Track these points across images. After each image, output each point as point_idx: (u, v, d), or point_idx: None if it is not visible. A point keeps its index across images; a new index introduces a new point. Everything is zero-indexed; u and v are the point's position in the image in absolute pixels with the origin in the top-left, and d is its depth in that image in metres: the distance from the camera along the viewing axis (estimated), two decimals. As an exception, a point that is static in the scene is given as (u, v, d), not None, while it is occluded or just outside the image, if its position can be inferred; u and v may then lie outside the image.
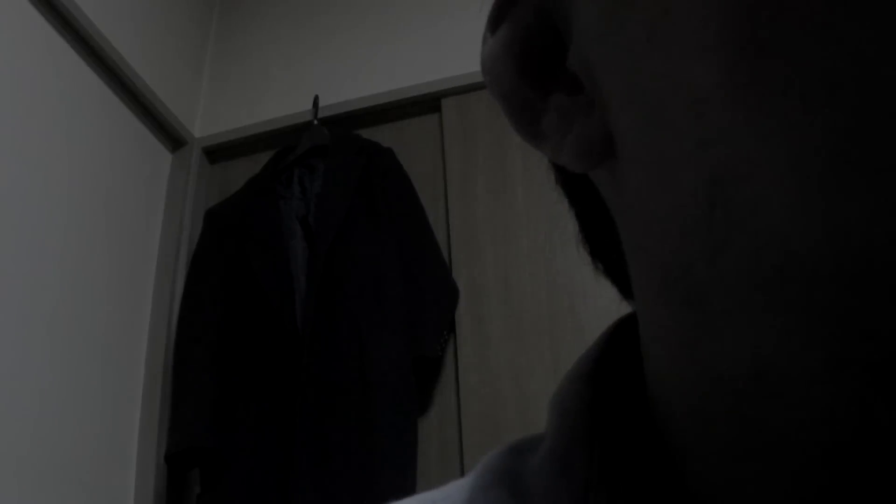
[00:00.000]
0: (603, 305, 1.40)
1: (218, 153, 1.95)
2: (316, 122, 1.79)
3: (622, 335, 0.25)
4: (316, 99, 1.84)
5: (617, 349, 0.24)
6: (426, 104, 1.78)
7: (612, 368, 0.23)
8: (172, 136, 1.86)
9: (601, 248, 0.25)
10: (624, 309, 0.25)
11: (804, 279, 0.14)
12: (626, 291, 0.25)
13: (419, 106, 1.79)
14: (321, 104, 1.83)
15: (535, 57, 0.22)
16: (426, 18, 1.89)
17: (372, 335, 1.45)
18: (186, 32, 2.01)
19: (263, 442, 1.42)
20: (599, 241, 0.25)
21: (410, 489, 1.35)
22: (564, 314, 1.46)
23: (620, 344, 0.24)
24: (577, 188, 0.25)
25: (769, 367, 0.16)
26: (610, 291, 0.26)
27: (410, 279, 1.53)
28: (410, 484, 1.36)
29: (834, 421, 0.15)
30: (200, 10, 2.10)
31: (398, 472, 1.36)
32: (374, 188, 1.63)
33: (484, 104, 1.68)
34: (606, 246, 0.25)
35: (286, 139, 1.82)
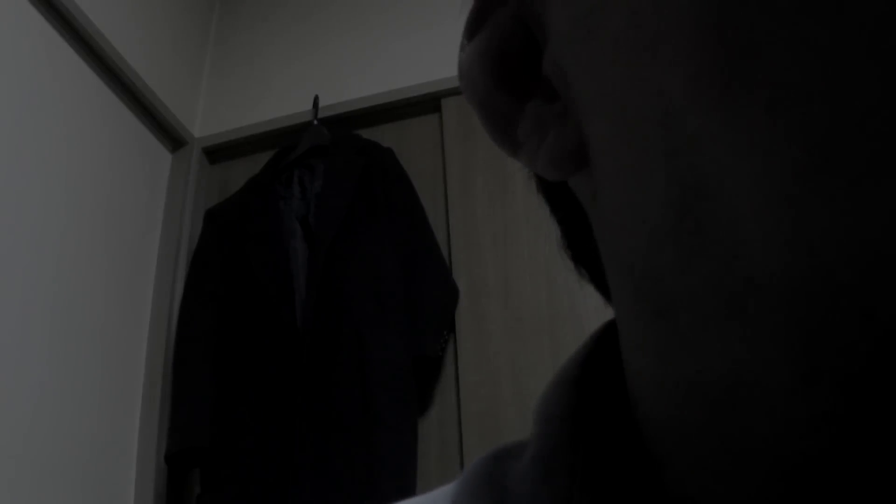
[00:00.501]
0: (603, 305, 1.39)
1: (218, 153, 1.95)
2: (316, 122, 1.79)
3: (609, 339, 0.24)
4: (316, 99, 1.84)
5: (604, 353, 0.24)
6: (426, 104, 1.78)
7: (598, 373, 0.23)
8: (172, 136, 1.86)
9: (584, 254, 0.25)
10: None
11: (774, 292, 0.14)
12: (610, 297, 0.24)
13: (419, 106, 1.79)
14: (321, 104, 1.83)
15: (511, 64, 0.22)
16: (426, 18, 1.89)
17: (372, 335, 1.45)
18: (186, 33, 2.01)
19: (263, 442, 1.42)
20: (582, 247, 0.25)
21: (410, 489, 1.35)
22: (564, 314, 1.46)
23: (607, 348, 0.24)
24: (557, 195, 0.25)
25: (741, 379, 0.16)
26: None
27: (410, 279, 1.53)
28: (410, 484, 1.36)
29: (806, 434, 0.15)
30: (200, 10, 2.10)
31: (398, 472, 1.36)
32: (374, 188, 1.63)
33: (484, 104, 1.68)
34: (589, 252, 0.24)
35: (286, 139, 1.82)
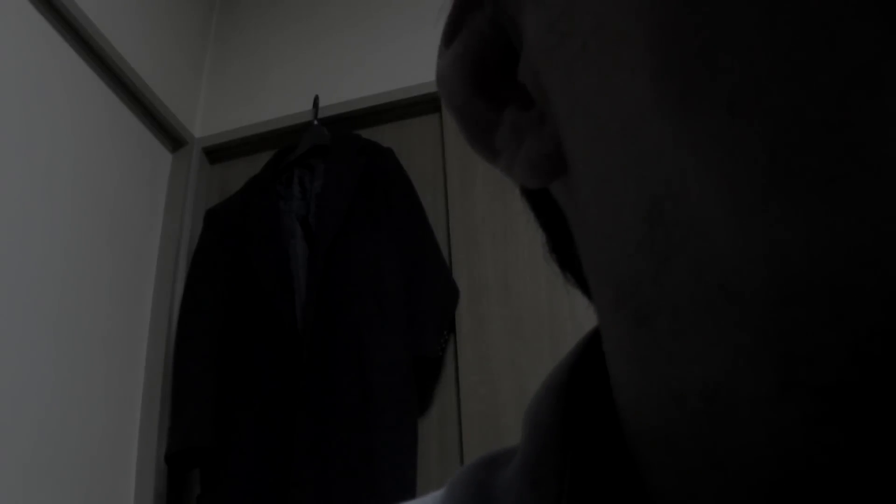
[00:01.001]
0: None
1: (218, 153, 1.95)
2: (316, 122, 1.79)
3: (598, 343, 0.24)
4: (316, 99, 1.84)
5: (593, 358, 0.23)
6: (426, 104, 1.78)
7: (587, 378, 0.23)
8: (172, 136, 1.86)
9: (570, 259, 0.25)
10: None
11: (746, 301, 0.14)
12: None
13: (419, 106, 1.79)
14: (321, 104, 1.83)
15: (488, 71, 0.22)
16: (426, 18, 1.89)
17: (372, 335, 1.45)
18: (187, 32, 2.01)
19: (263, 442, 1.42)
20: (567, 252, 0.25)
21: (410, 489, 1.35)
22: (564, 314, 1.46)
23: (596, 352, 0.24)
24: (541, 200, 0.25)
25: (719, 388, 0.15)
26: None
27: (410, 279, 1.53)
28: (410, 484, 1.36)
29: (786, 443, 0.15)
30: (201, 10, 2.10)
31: (398, 472, 1.36)
32: (374, 188, 1.63)
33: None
34: (575, 257, 0.24)
35: (286, 139, 1.82)
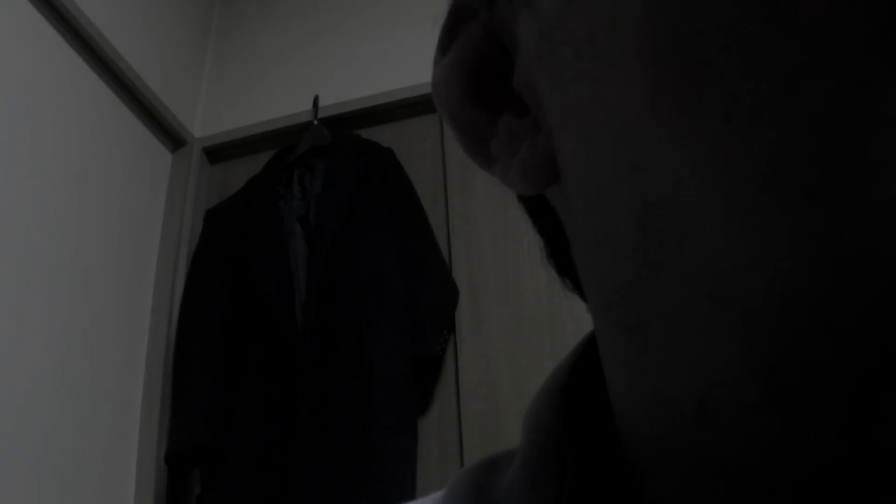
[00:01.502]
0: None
1: (218, 153, 1.95)
2: (316, 122, 1.79)
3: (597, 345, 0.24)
4: (316, 99, 1.84)
5: (592, 359, 0.23)
6: (426, 104, 1.78)
7: (586, 380, 0.23)
8: (172, 136, 1.86)
9: (567, 264, 0.25)
10: None
11: (737, 309, 0.14)
12: None
13: (419, 106, 1.78)
14: (321, 104, 1.83)
15: (483, 79, 0.22)
16: (427, 18, 1.88)
17: (372, 335, 1.45)
18: (186, 32, 2.01)
19: (263, 442, 1.42)
20: (564, 257, 0.25)
21: (410, 489, 1.35)
22: (564, 314, 1.46)
23: (596, 354, 0.24)
24: (537, 206, 0.25)
25: (710, 395, 0.15)
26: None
27: (410, 279, 1.53)
28: (410, 484, 1.36)
29: (776, 450, 0.15)
30: (200, 10, 2.10)
31: (398, 472, 1.35)
32: (374, 188, 1.63)
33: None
34: (571, 262, 0.24)
35: (286, 139, 1.82)
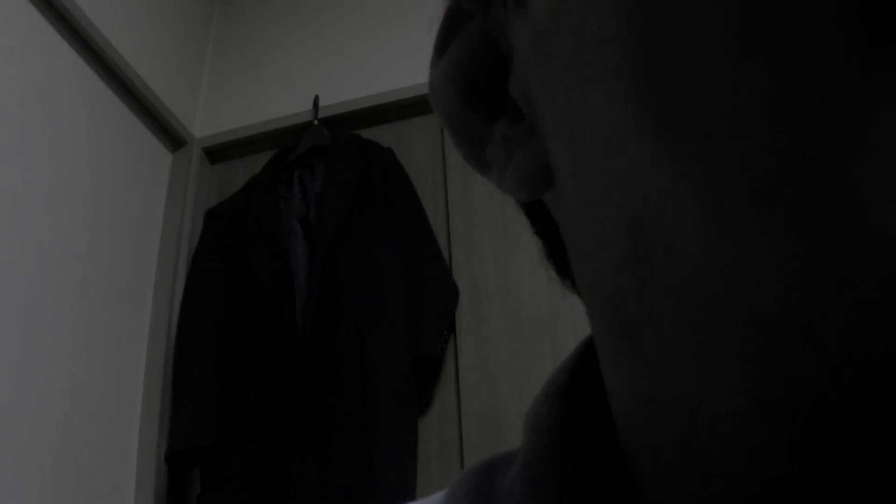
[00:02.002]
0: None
1: (218, 153, 1.95)
2: (316, 122, 1.79)
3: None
4: (316, 99, 1.84)
5: (593, 361, 0.23)
6: (426, 104, 1.78)
7: (587, 382, 0.23)
8: (172, 136, 1.86)
9: (566, 266, 0.25)
10: None
11: (724, 323, 0.14)
12: None
13: (419, 106, 1.79)
14: (321, 104, 1.83)
15: (480, 83, 0.22)
16: (427, 18, 1.88)
17: (372, 335, 1.45)
18: (186, 32, 2.01)
19: (263, 442, 1.42)
20: (563, 259, 0.25)
21: (410, 489, 1.35)
22: (564, 314, 1.46)
23: (596, 356, 0.24)
24: (536, 208, 0.25)
25: (702, 405, 0.16)
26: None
27: (410, 279, 1.53)
28: (410, 484, 1.36)
29: (766, 461, 0.15)
30: (200, 10, 2.10)
31: (398, 472, 1.36)
32: (374, 188, 1.63)
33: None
34: (569, 263, 0.24)
35: (286, 139, 1.82)
